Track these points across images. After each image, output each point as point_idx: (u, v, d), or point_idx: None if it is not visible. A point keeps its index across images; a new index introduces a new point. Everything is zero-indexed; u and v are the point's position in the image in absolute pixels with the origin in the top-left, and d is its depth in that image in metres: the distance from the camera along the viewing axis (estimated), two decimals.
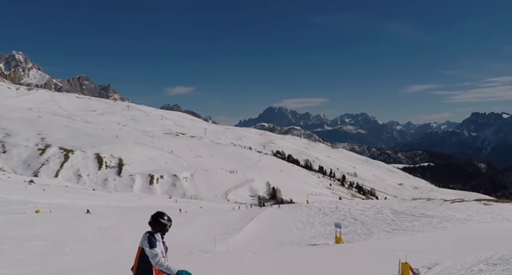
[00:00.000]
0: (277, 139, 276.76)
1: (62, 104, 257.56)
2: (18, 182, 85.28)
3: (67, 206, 46.88)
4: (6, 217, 28.95)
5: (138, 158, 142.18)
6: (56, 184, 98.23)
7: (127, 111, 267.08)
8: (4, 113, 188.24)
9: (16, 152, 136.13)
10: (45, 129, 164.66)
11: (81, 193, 78.12)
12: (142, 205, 62.26)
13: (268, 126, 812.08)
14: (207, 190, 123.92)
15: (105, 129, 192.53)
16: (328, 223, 27.19)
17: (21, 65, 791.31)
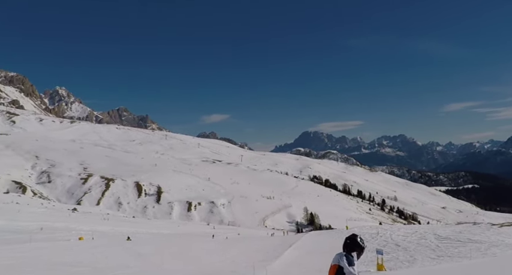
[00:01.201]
0: (313, 164, 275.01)
1: (102, 135, 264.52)
2: (62, 210, 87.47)
3: (108, 233, 47.67)
4: (52, 243, 29.70)
5: (176, 186, 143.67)
6: (97, 211, 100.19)
7: (165, 140, 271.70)
8: (49, 145, 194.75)
9: (60, 181, 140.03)
10: (87, 160, 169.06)
11: (122, 220, 79.33)
12: (181, 232, 62.70)
13: (304, 151, 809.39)
14: (244, 217, 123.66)
15: (144, 158, 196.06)
16: (369, 250, 26.51)
17: (64, 100, 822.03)
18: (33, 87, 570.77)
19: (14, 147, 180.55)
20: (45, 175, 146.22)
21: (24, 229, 42.14)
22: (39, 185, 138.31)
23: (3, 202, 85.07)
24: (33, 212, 68.13)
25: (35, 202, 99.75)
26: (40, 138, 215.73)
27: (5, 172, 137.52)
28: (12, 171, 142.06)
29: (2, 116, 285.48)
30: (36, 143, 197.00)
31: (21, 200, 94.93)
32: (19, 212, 62.93)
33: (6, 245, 26.33)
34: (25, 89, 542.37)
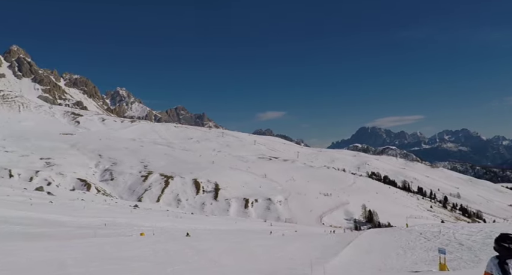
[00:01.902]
0: (371, 160, 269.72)
1: (161, 134, 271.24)
2: (124, 206, 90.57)
3: (168, 229, 48.77)
4: (115, 238, 30.77)
5: (233, 183, 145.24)
6: (157, 208, 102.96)
7: (221, 138, 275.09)
8: (111, 144, 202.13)
9: (122, 179, 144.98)
10: (147, 158, 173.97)
11: (181, 216, 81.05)
12: (238, 228, 63.25)
13: (361, 147, 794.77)
14: (301, 214, 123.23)
15: (202, 155, 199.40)
16: (430, 249, 25.65)
17: (124, 100, 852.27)
18: (95, 88, 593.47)
19: (78, 146, 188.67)
20: (108, 173, 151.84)
21: (89, 225, 43.91)
22: (103, 183, 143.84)
23: (69, 198, 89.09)
24: (97, 209, 70.91)
25: (99, 199, 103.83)
26: (103, 137, 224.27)
27: (71, 170, 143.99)
28: (77, 169, 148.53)
29: (67, 116, 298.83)
30: (99, 142, 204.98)
31: (86, 197, 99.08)
32: (84, 209, 65.66)
33: (74, 240, 27.53)
34: (88, 91, 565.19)
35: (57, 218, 47.53)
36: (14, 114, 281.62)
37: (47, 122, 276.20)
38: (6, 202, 61.07)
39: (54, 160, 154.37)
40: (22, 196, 76.55)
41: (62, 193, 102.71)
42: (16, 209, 49.62)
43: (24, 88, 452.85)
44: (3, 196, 71.91)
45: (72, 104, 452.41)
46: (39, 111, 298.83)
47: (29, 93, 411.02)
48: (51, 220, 45.08)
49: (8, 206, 53.00)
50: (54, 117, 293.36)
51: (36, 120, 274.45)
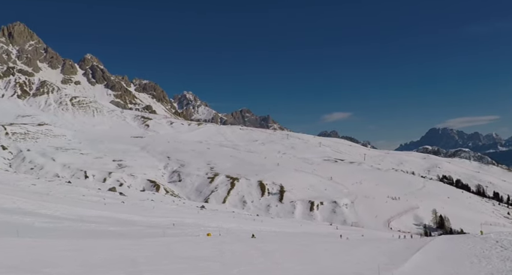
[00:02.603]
0: (442, 163, 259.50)
1: (227, 136, 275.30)
2: (191, 207, 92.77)
3: (234, 230, 49.38)
4: (182, 238, 31.59)
5: (298, 185, 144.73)
6: (223, 209, 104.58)
7: (286, 140, 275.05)
8: (179, 146, 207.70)
9: (189, 180, 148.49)
10: (214, 160, 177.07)
11: (246, 218, 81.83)
12: (303, 231, 62.94)
13: (432, 149, 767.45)
14: (368, 217, 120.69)
15: (267, 157, 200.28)
16: (508, 258, 24.18)
17: (191, 103, 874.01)
18: (163, 93, 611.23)
19: (148, 149, 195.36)
20: (176, 174, 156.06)
21: (158, 224, 45.33)
22: (171, 184, 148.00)
23: (140, 199, 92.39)
24: (166, 209, 73.07)
25: (167, 200, 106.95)
26: (171, 140, 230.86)
27: (141, 172, 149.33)
28: (147, 171, 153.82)
29: (138, 120, 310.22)
30: (167, 144, 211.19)
31: (155, 198, 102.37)
32: (154, 209, 67.85)
33: (145, 238, 28.52)
34: (157, 95, 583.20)
35: (128, 217, 49.46)
36: (89, 118, 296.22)
37: (118, 125, 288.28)
38: (82, 201, 64.31)
39: (126, 162, 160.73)
40: (96, 196, 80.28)
41: (133, 193, 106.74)
42: (91, 209, 52.13)
43: (98, 94, 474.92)
44: (80, 196, 75.79)
45: (142, 108, 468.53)
46: (112, 116, 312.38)
47: (102, 98, 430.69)
48: (123, 219, 46.97)
49: (83, 205, 55.79)
50: (125, 121, 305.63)
51: (109, 124, 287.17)
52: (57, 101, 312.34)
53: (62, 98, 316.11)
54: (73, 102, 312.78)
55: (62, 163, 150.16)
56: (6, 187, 68.06)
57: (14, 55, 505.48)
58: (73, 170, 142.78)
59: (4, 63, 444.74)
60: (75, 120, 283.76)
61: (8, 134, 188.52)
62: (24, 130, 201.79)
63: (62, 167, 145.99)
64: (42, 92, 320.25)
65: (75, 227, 33.67)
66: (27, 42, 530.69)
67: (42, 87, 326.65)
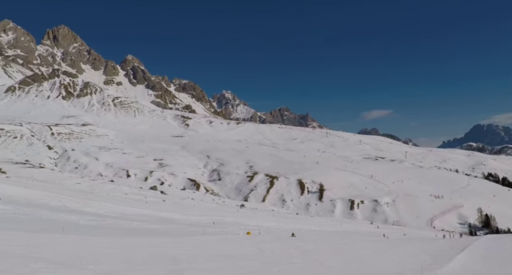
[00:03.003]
0: (488, 160, 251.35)
1: (266, 135, 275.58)
2: (231, 206, 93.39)
3: (274, 229, 49.35)
4: (223, 236, 31.79)
5: (338, 184, 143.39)
6: (263, 208, 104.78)
7: (325, 138, 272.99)
8: (218, 145, 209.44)
9: (229, 179, 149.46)
10: (253, 158, 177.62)
11: (286, 217, 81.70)
12: (343, 230, 62.32)
13: (476, 146, 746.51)
14: (410, 216, 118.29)
15: (306, 156, 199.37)
16: None
17: (230, 103, 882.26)
18: (203, 92, 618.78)
19: (188, 148, 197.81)
20: (216, 173, 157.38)
21: (198, 223, 45.79)
22: (211, 183, 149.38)
23: (180, 197, 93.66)
24: (206, 207, 73.81)
25: (208, 198, 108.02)
26: (210, 139, 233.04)
27: (182, 171, 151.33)
28: (187, 170, 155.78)
29: (178, 120, 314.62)
30: (207, 143, 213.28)
31: (195, 196, 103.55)
32: (194, 207, 68.67)
33: (185, 237, 28.85)
34: (196, 95, 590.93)
35: (169, 215, 50.19)
36: (130, 118, 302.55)
37: (159, 125, 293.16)
38: (125, 200, 65.70)
39: (167, 161, 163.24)
40: (138, 194, 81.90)
41: (173, 192, 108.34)
42: (133, 207, 53.20)
43: (139, 94, 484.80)
44: (122, 194, 77.50)
45: (182, 108, 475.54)
46: (152, 116, 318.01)
47: (142, 98, 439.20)
48: (164, 218, 47.69)
49: (126, 204, 56.99)
50: (165, 120, 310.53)
51: (150, 124, 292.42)
52: (100, 101, 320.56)
53: (104, 99, 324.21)
54: (115, 103, 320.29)
55: (105, 162, 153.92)
56: (52, 185, 70.28)
57: (59, 57, 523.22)
58: (115, 169, 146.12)
59: (49, 66, 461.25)
60: (117, 120, 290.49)
61: (53, 134, 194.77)
62: (68, 130, 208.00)
63: (105, 166, 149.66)
64: (86, 93, 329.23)
65: (118, 225, 34.41)
66: (71, 44, 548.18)
67: (85, 88, 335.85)
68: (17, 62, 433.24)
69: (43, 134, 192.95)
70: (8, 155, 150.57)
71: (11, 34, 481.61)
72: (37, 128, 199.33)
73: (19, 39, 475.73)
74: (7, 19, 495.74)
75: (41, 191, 51.85)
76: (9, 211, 33.12)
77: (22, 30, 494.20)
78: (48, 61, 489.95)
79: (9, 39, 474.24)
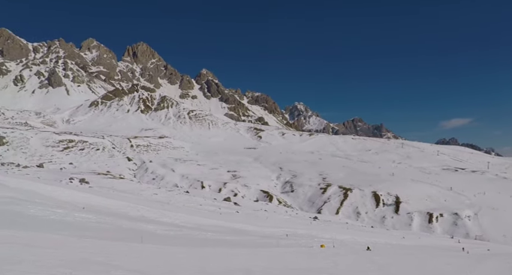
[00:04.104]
0: None
1: (339, 146, 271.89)
2: (304, 218, 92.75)
3: (348, 242, 48.37)
4: (296, 249, 31.55)
5: (415, 196, 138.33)
6: (336, 220, 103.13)
7: (401, 149, 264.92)
8: (291, 157, 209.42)
9: (302, 191, 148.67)
10: (326, 170, 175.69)
11: (360, 229, 79.88)
12: (421, 244, 59.91)
13: None
14: (494, 231, 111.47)
15: (381, 167, 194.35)
16: None
17: (302, 114, 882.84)
18: (275, 104, 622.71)
19: (261, 160, 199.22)
20: (288, 185, 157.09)
21: (272, 234, 45.81)
22: (283, 194, 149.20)
23: (253, 209, 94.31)
24: (279, 219, 73.77)
25: (280, 210, 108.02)
26: (283, 151, 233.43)
27: (255, 182, 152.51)
28: (260, 181, 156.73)
29: (250, 132, 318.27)
30: (279, 155, 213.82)
31: (268, 208, 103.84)
32: (267, 219, 68.81)
33: (259, 248, 28.92)
34: (268, 107, 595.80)
35: (243, 227, 50.61)
36: (205, 131, 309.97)
37: (232, 137, 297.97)
38: (200, 211, 67.14)
39: (240, 173, 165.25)
40: (212, 205, 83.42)
41: (246, 203, 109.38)
42: (208, 218, 54.20)
43: (213, 107, 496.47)
44: (197, 205, 79.26)
45: (255, 120, 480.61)
46: (226, 128, 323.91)
47: (216, 111, 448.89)
48: (237, 229, 48.16)
49: (201, 214, 58.18)
50: (238, 133, 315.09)
51: (224, 136, 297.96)
52: (176, 115, 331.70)
53: (180, 112, 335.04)
54: (190, 116, 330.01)
55: (180, 174, 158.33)
56: (131, 196, 73.25)
57: (138, 73, 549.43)
58: (191, 180, 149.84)
59: (129, 81, 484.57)
60: (192, 133, 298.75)
61: (132, 146, 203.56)
62: (146, 143, 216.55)
63: (180, 177, 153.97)
64: (163, 107, 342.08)
65: (193, 235, 35.16)
66: (149, 60, 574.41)
67: (162, 102, 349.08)
68: (100, 78, 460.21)
69: (123, 146, 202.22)
70: (91, 166, 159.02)
71: (95, 52, 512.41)
72: (117, 141, 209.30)
73: (102, 57, 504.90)
74: (91, 38, 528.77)
75: (121, 201, 54.17)
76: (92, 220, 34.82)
77: (104, 48, 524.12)
78: (128, 77, 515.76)
79: (93, 56, 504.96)
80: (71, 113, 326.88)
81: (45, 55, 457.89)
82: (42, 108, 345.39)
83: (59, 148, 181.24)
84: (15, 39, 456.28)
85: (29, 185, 53.76)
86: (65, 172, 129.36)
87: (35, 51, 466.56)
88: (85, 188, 73.15)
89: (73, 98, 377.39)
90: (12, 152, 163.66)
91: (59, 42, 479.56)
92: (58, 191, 54.01)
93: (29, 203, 37.58)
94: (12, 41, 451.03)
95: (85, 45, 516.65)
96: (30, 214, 32.09)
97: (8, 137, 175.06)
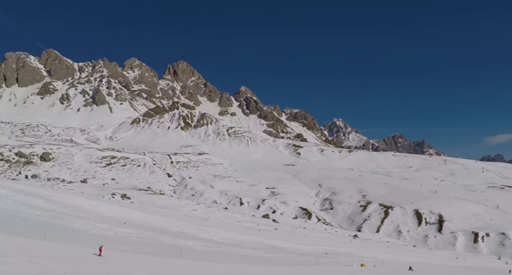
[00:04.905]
0: None
1: (379, 163, 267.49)
2: (344, 236, 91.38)
3: (389, 261, 47.31)
4: (335, 267, 31.08)
5: (459, 214, 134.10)
6: (377, 239, 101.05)
7: (444, 166, 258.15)
8: (330, 174, 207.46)
9: (341, 208, 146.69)
10: (365, 187, 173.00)
11: (402, 249, 78.03)
12: (465, 265, 57.88)
13: None
14: None
15: (423, 185, 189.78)
16: None
17: (341, 130, 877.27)
18: (314, 121, 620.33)
19: (300, 176, 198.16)
20: (327, 202, 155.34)
21: (310, 252, 45.33)
22: (322, 212, 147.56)
23: (292, 226, 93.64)
24: (317, 237, 72.94)
25: (319, 228, 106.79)
26: (322, 167, 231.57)
27: (293, 200, 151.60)
28: (299, 198, 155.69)
29: (289, 148, 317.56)
30: (318, 172, 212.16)
31: (307, 225, 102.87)
32: (306, 237, 68.15)
33: (298, 266, 28.65)
34: (307, 123, 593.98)
35: (281, 244, 50.28)
36: (244, 148, 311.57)
37: (271, 154, 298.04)
38: (238, 227, 67.16)
39: (278, 189, 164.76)
40: (251, 222, 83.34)
41: (285, 220, 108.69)
42: (246, 234, 54.13)
43: (251, 124, 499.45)
44: (236, 221, 79.38)
45: (293, 136, 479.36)
46: (265, 145, 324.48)
47: (255, 128, 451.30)
48: (276, 246, 47.87)
49: (239, 231, 58.18)
50: (277, 149, 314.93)
51: (262, 153, 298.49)
52: (215, 131, 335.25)
53: (219, 129, 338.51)
54: (229, 133, 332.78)
55: (219, 190, 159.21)
56: (171, 211, 74.11)
57: (178, 91, 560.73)
58: (229, 196, 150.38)
59: (170, 99, 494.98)
60: (231, 149, 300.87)
61: (172, 162, 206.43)
62: (186, 159, 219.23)
63: (219, 193, 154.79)
64: (202, 124, 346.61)
65: (232, 252, 35.18)
66: (189, 78, 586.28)
67: (202, 119, 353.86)
68: (142, 96, 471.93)
69: (163, 162, 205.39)
70: (133, 182, 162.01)
71: (137, 71, 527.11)
72: (158, 157, 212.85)
73: (143, 75, 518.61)
74: (133, 57, 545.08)
75: (161, 216, 54.85)
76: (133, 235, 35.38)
77: (146, 66, 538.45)
78: (168, 94, 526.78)
79: (135, 75, 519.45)
80: (113, 130, 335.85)
81: (89, 74, 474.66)
82: (86, 126, 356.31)
83: (102, 164, 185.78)
84: (62, 59, 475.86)
85: (74, 200, 55.26)
86: (108, 187, 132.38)
87: (80, 70, 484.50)
88: (126, 204, 74.55)
89: (116, 116, 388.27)
90: (58, 168, 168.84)
91: (103, 62, 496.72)
92: (101, 206, 55.27)
93: (73, 217, 38.59)
94: (59, 62, 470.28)
95: (128, 65, 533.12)
96: (74, 228, 32.91)
97: (54, 153, 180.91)
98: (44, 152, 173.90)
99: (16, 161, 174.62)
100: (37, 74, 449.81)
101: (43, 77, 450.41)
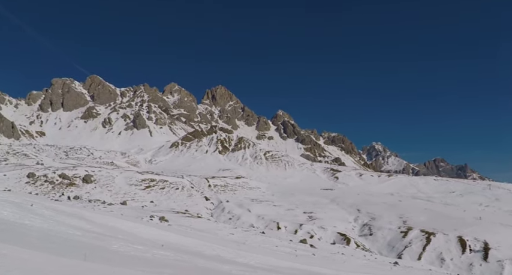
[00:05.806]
0: None
1: (420, 188, 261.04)
2: (384, 263, 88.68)
3: None
4: None
5: (506, 242, 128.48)
6: (419, 266, 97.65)
7: (488, 191, 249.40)
8: (369, 198, 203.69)
9: (381, 234, 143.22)
10: (406, 213, 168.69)
11: None
12: None
13: None
14: None
15: (466, 210, 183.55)
16: None
17: (380, 154, 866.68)
18: (352, 144, 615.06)
19: (338, 201, 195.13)
20: (367, 228, 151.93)
21: None
22: (361, 238, 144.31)
23: (330, 252, 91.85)
24: (356, 264, 71.13)
25: (358, 254, 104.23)
26: (360, 192, 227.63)
27: (331, 225, 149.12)
28: (337, 223, 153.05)
29: (327, 173, 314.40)
30: (357, 197, 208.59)
31: (346, 251, 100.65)
32: (345, 263, 66.63)
33: None
34: (345, 147, 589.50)
35: (319, 270, 49.23)
36: (281, 171, 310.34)
37: (308, 178, 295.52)
38: (275, 252, 66.37)
39: (316, 214, 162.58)
40: (288, 247, 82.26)
41: (323, 246, 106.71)
42: (283, 260, 53.35)
43: (289, 148, 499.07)
44: (273, 246, 78.52)
45: (331, 160, 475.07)
46: (302, 169, 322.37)
47: (292, 152, 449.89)
48: (314, 272, 46.90)
49: (276, 256, 57.45)
50: (315, 173, 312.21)
51: (300, 177, 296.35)
52: (252, 155, 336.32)
53: (256, 153, 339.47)
54: (266, 157, 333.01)
55: (256, 214, 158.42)
56: (207, 234, 74.04)
57: (216, 115, 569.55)
58: (266, 221, 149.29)
59: (208, 123, 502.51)
60: (268, 173, 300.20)
61: (210, 186, 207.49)
62: (224, 183, 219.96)
63: (256, 217, 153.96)
64: (240, 148, 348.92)
65: None
66: (227, 103, 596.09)
67: (239, 143, 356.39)
68: (181, 120, 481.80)
69: (201, 185, 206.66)
70: (171, 204, 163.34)
71: (176, 95, 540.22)
72: (196, 180, 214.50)
73: (183, 100, 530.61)
74: (173, 82, 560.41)
75: (197, 239, 54.86)
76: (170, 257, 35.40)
77: (185, 91, 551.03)
78: (207, 118, 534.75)
79: (174, 100, 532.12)
80: (153, 154, 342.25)
81: (131, 99, 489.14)
82: (127, 149, 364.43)
83: (141, 187, 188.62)
84: (105, 85, 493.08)
85: (113, 222, 56.00)
86: (146, 209, 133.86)
87: (122, 95, 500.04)
88: (164, 226, 75.02)
89: (155, 139, 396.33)
90: (99, 190, 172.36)
91: (143, 87, 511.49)
92: (139, 228, 55.75)
93: (113, 238, 39.00)
94: (102, 87, 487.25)
95: (167, 90, 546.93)
96: (113, 249, 33.21)
97: (96, 175, 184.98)
98: (86, 174, 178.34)
99: (59, 183, 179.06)
100: (81, 98, 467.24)
101: (87, 102, 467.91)
